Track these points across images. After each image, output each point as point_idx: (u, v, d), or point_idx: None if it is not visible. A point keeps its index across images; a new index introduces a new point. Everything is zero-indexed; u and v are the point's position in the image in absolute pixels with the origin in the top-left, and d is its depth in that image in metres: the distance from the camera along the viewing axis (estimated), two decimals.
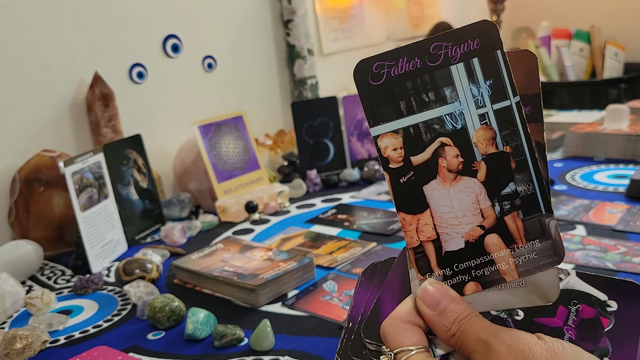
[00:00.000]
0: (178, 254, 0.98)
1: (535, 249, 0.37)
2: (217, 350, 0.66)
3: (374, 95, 0.36)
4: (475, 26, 0.36)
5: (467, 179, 0.36)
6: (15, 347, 0.68)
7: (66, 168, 0.91)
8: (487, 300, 0.37)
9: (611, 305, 0.38)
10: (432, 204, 0.37)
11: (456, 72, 0.36)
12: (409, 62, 0.36)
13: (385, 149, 0.36)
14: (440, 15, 2.07)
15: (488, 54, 0.35)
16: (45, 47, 1.11)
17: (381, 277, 0.43)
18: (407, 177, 0.37)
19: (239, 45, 1.47)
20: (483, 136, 0.36)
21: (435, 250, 0.37)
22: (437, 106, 0.36)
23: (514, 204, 0.36)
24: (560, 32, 1.97)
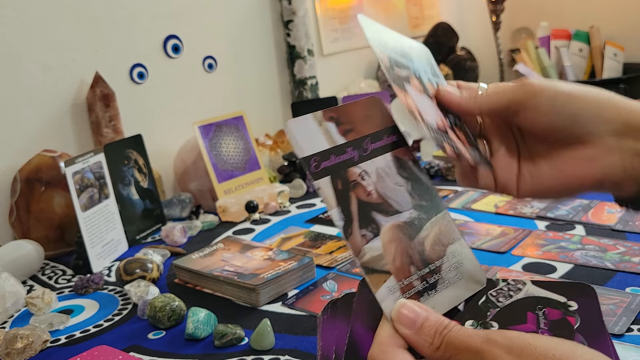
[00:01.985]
0: (178, 253, 0.98)
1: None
2: (218, 350, 0.66)
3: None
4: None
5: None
6: (16, 347, 0.68)
7: (67, 168, 0.92)
8: (444, 301, 0.41)
9: (572, 305, 0.41)
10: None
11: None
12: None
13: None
14: (440, 16, 2.08)
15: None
16: (46, 48, 1.11)
17: (344, 312, 0.44)
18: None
19: (240, 45, 1.48)
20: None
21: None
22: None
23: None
24: (560, 33, 1.98)
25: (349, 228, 0.41)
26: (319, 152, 0.41)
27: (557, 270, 0.76)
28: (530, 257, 0.81)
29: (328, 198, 0.41)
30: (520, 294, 0.42)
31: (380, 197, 0.42)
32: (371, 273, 0.40)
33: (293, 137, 0.41)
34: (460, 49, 1.94)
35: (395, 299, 0.39)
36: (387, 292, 0.39)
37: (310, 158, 0.41)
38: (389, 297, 0.39)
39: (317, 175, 0.41)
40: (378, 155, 0.43)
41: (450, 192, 1.13)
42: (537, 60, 1.91)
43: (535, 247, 0.84)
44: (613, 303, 0.65)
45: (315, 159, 0.41)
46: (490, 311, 0.41)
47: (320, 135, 0.42)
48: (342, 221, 0.40)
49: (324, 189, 0.41)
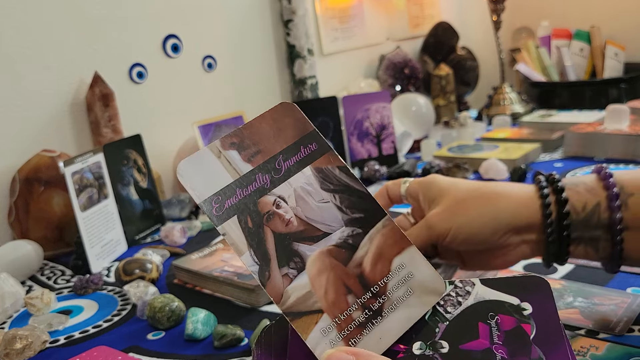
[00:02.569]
0: (178, 254, 0.98)
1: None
2: (217, 351, 0.66)
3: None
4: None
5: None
6: (15, 347, 0.68)
7: (66, 168, 0.91)
8: (393, 326, 0.36)
9: (526, 308, 0.37)
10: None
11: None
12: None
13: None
14: (440, 15, 2.07)
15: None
16: (44, 47, 1.11)
17: (279, 346, 0.38)
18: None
19: (239, 45, 1.47)
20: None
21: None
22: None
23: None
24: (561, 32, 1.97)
25: (265, 272, 0.35)
26: (219, 191, 0.35)
27: (558, 271, 0.76)
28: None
29: (237, 242, 0.35)
30: (469, 299, 0.38)
31: (303, 223, 0.37)
32: (298, 317, 0.34)
33: (187, 182, 0.35)
34: (461, 48, 1.94)
35: (332, 340, 0.34)
36: (321, 334, 0.34)
37: (210, 200, 0.35)
38: (323, 340, 0.34)
39: (221, 219, 0.35)
40: (295, 173, 0.38)
41: None
42: (538, 60, 1.90)
43: None
44: (614, 303, 0.65)
45: (216, 200, 0.35)
46: (439, 326, 0.37)
47: (221, 169, 0.36)
48: (256, 266, 0.35)
49: (230, 234, 0.35)
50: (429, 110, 1.54)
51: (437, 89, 1.79)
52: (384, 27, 1.89)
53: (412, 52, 1.95)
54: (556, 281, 0.73)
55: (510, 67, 2.06)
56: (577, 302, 0.64)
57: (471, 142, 1.38)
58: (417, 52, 1.97)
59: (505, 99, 1.72)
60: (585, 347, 0.54)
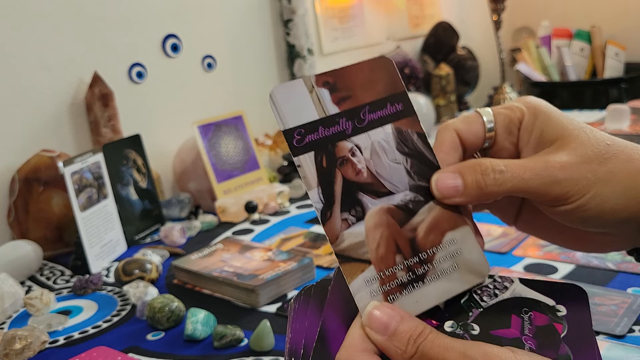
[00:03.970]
0: (177, 254, 0.98)
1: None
2: (217, 351, 0.66)
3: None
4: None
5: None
6: (14, 348, 0.68)
7: (65, 168, 0.91)
8: (431, 294, 0.37)
9: (560, 310, 0.37)
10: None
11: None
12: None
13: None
14: (440, 15, 2.07)
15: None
16: (44, 47, 1.11)
17: (318, 300, 0.39)
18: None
19: (239, 44, 1.47)
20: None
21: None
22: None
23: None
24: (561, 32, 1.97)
25: (328, 211, 0.36)
26: (304, 124, 0.36)
27: (559, 271, 0.76)
28: (532, 257, 0.80)
29: (308, 177, 0.36)
30: (506, 293, 0.38)
31: (372, 176, 0.38)
32: (347, 262, 0.36)
33: (276, 106, 0.36)
34: (461, 48, 1.94)
35: (373, 291, 0.35)
36: (364, 283, 0.35)
37: (293, 131, 0.36)
38: (364, 289, 0.35)
39: (299, 151, 0.36)
40: (376, 127, 0.38)
41: None
42: (538, 60, 1.90)
43: (536, 248, 0.83)
44: (614, 304, 0.65)
45: (299, 132, 0.36)
46: (473, 311, 0.37)
47: (309, 104, 0.37)
48: (320, 203, 0.36)
49: (304, 167, 0.36)
50: (429, 110, 1.54)
51: (437, 89, 1.79)
52: (384, 27, 1.89)
53: (412, 51, 1.95)
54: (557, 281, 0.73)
55: (511, 66, 2.06)
56: None
57: None
58: (417, 51, 1.97)
59: (506, 98, 1.72)
60: None
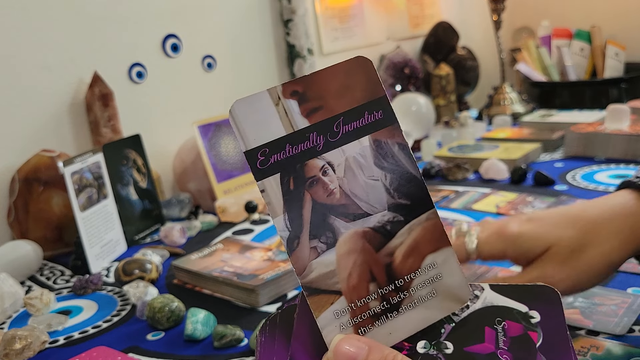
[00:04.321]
0: (177, 254, 0.98)
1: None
2: (217, 351, 0.66)
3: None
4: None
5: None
6: (14, 348, 0.68)
7: (65, 168, 0.91)
8: (406, 324, 0.34)
9: (534, 316, 0.36)
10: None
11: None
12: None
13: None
14: (440, 15, 2.07)
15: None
16: (44, 47, 1.11)
17: (284, 331, 0.36)
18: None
19: (239, 44, 1.47)
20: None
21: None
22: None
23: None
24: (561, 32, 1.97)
25: (295, 240, 0.33)
26: (268, 143, 0.33)
27: None
28: None
29: (273, 203, 0.32)
30: (477, 303, 0.36)
31: (345, 197, 0.34)
32: (315, 294, 0.33)
33: (237, 124, 0.32)
34: (461, 48, 1.94)
35: (343, 324, 0.33)
36: (333, 317, 0.33)
37: (256, 151, 0.32)
38: (333, 322, 0.33)
39: (263, 174, 0.32)
40: (351, 140, 0.34)
41: (451, 192, 1.13)
42: (538, 60, 1.90)
43: None
44: (614, 304, 0.65)
45: (262, 152, 0.33)
46: (445, 327, 0.36)
47: (275, 119, 0.33)
48: (287, 231, 0.33)
49: (269, 192, 0.32)
50: (429, 110, 1.54)
51: (437, 89, 1.79)
52: (384, 27, 1.89)
53: (412, 51, 1.94)
54: None
55: (511, 66, 2.06)
56: (578, 302, 0.64)
57: (471, 142, 1.38)
58: (417, 51, 1.97)
59: (506, 98, 1.72)
60: (586, 347, 0.54)
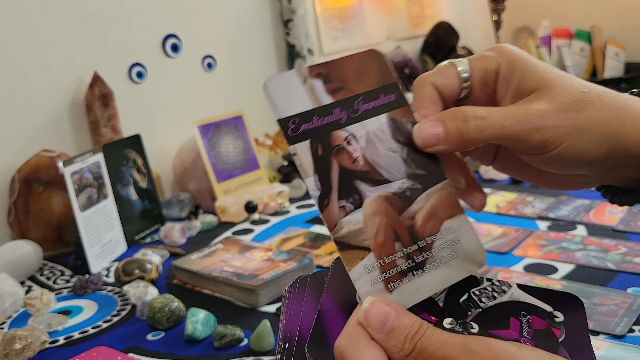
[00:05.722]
0: (177, 254, 0.98)
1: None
2: (217, 351, 0.66)
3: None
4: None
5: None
6: (14, 348, 0.68)
7: (65, 168, 0.91)
8: (431, 282, 0.37)
9: (558, 316, 0.38)
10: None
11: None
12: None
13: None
14: (440, 15, 2.07)
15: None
16: (44, 47, 1.11)
17: (314, 290, 0.39)
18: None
19: (239, 44, 1.47)
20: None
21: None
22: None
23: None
24: (561, 32, 1.97)
25: (325, 199, 0.36)
26: (298, 114, 0.36)
27: (559, 271, 0.76)
28: (532, 257, 0.80)
29: (304, 165, 0.36)
30: (504, 297, 0.38)
31: (368, 165, 0.38)
32: (346, 249, 0.36)
33: (270, 96, 0.36)
34: (461, 48, 1.94)
35: (373, 278, 0.35)
36: (364, 271, 0.35)
37: (287, 120, 0.36)
38: (365, 276, 0.35)
39: (294, 140, 0.36)
40: (370, 117, 0.38)
41: None
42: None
43: (536, 248, 0.83)
44: (614, 304, 0.65)
45: (293, 121, 0.36)
46: (472, 311, 0.37)
47: (303, 95, 0.37)
48: (317, 191, 0.36)
49: (300, 155, 0.36)
50: None
51: None
52: (384, 27, 1.89)
53: (412, 51, 1.94)
54: (557, 281, 0.73)
55: None
56: None
57: None
58: (418, 51, 1.97)
59: None
60: None
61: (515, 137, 0.36)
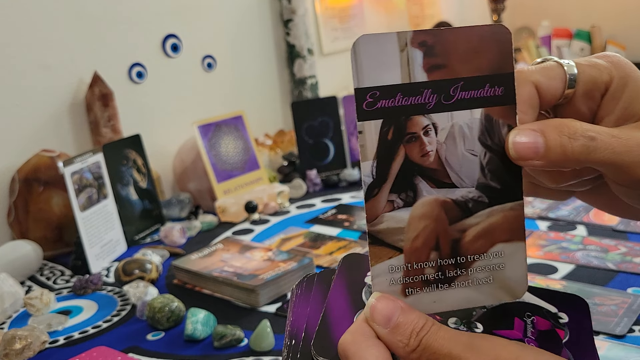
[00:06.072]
0: (177, 254, 0.98)
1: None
2: (217, 351, 0.66)
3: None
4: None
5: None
6: (14, 348, 0.68)
7: (65, 168, 0.91)
8: (452, 299, 0.34)
9: (562, 317, 0.37)
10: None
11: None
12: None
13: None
14: (440, 15, 2.07)
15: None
16: (44, 47, 1.11)
17: (321, 288, 0.38)
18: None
19: (239, 44, 1.47)
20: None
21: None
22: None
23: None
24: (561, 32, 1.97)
25: (375, 188, 0.32)
26: (381, 87, 0.32)
27: (559, 271, 0.76)
28: (532, 257, 0.80)
29: (367, 147, 0.32)
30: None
31: (439, 163, 0.33)
32: (377, 245, 0.33)
33: (356, 59, 0.32)
34: None
35: (393, 279, 0.33)
36: (387, 270, 0.33)
37: (366, 92, 0.31)
38: (385, 275, 0.33)
39: (366, 116, 0.32)
40: (464, 108, 0.33)
41: None
42: None
43: (536, 248, 0.83)
44: (614, 304, 0.65)
45: (372, 94, 0.32)
46: (476, 311, 0.37)
47: (396, 64, 0.32)
48: (370, 178, 0.32)
49: (366, 134, 0.32)
50: None
51: None
52: (384, 27, 1.89)
53: None
54: (557, 281, 0.73)
55: None
56: None
57: None
58: None
59: None
60: None
61: (623, 167, 0.32)
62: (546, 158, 0.32)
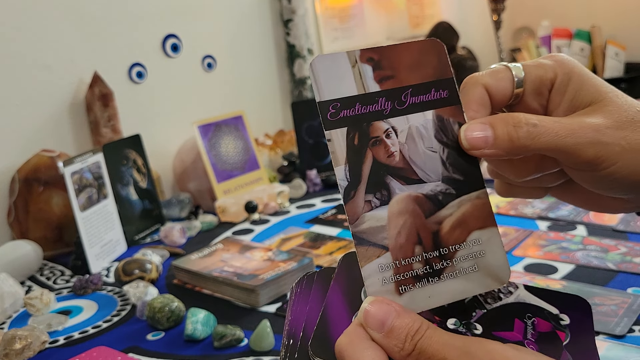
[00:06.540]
0: (177, 254, 0.98)
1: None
2: (217, 351, 0.66)
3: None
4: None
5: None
6: (14, 348, 0.68)
7: (65, 168, 0.91)
8: (445, 292, 0.35)
9: (564, 319, 0.37)
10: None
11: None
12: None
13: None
14: (440, 15, 2.07)
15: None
16: (44, 47, 1.11)
17: (320, 287, 0.39)
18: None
19: (239, 44, 1.47)
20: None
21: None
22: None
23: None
24: (561, 32, 1.97)
25: (352, 190, 0.35)
26: (340, 98, 0.35)
27: (559, 271, 0.76)
28: (532, 257, 0.80)
29: (337, 153, 0.35)
30: (510, 298, 0.38)
31: (404, 161, 0.36)
32: (363, 245, 0.34)
33: (315, 76, 0.35)
34: (461, 48, 1.94)
35: (385, 278, 0.34)
36: (377, 269, 0.34)
37: (328, 104, 0.35)
38: (377, 275, 0.34)
39: (331, 125, 0.35)
40: (416, 111, 0.36)
41: None
42: None
43: (536, 248, 0.83)
44: (614, 304, 0.65)
45: (334, 105, 0.35)
46: (476, 312, 0.37)
47: (350, 79, 0.36)
48: (345, 181, 0.35)
49: (334, 142, 0.35)
50: None
51: None
52: (384, 27, 1.89)
53: None
54: (557, 281, 0.73)
55: None
56: None
57: None
58: None
59: None
60: None
61: (568, 149, 0.35)
62: (495, 146, 0.35)
